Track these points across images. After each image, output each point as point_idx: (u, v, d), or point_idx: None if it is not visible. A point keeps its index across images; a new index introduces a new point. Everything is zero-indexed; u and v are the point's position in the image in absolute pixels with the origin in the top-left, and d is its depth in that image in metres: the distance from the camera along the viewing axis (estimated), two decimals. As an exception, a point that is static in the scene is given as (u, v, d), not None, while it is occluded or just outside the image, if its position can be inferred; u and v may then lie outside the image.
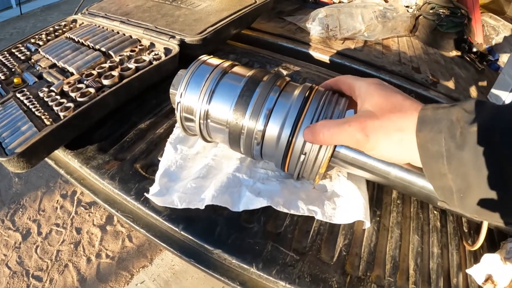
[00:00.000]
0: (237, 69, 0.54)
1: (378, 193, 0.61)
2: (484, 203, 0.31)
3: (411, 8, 1.67)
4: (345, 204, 0.54)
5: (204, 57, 0.56)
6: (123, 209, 0.56)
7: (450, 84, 1.10)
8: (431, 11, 1.43)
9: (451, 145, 0.32)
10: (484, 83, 1.21)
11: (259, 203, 0.51)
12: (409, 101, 0.39)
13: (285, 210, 0.52)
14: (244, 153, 0.53)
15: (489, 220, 0.34)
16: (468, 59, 1.39)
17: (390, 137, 0.39)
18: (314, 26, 1.23)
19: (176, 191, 0.53)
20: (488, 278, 0.50)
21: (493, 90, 1.08)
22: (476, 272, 0.51)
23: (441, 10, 1.41)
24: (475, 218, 0.52)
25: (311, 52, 1.11)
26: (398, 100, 0.40)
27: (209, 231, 0.51)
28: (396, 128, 0.38)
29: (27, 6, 4.53)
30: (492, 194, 0.30)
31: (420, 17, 1.46)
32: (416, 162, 0.37)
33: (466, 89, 1.10)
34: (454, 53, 1.43)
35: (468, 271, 0.52)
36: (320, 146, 0.45)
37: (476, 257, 0.55)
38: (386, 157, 0.42)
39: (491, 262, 0.51)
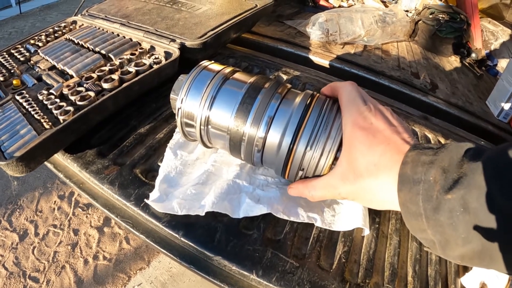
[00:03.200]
0: (238, 75, 0.54)
1: (377, 199, 0.61)
2: (464, 255, 0.33)
3: (410, 12, 1.68)
4: (344, 211, 0.54)
5: (205, 63, 0.56)
6: (122, 215, 0.56)
7: (449, 89, 1.10)
8: (430, 16, 1.44)
9: (427, 207, 0.34)
10: (483, 89, 1.21)
11: (259, 210, 0.51)
12: (387, 155, 0.40)
13: (285, 217, 0.52)
14: (245, 160, 0.53)
15: (472, 265, 0.35)
16: (467, 64, 1.40)
17: (362, 198, 0.44)
18: (314, 30, 1.23)
19: (176, 197, 0.53)
20: (482, 286, 0.51)
21: (491, 96, 1.08)
22: (469, 280, 0.51)
23: (441, 15, 1.42)
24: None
25: (311, 56, 1.11)
26: (374, 159, 0.40)
27: (209, 237, 0.51)
28: (367, 192, 0.42)
29: (27, 5, 4.52)
30: (470, 247, 0.32)
31: (420, 22, 1.47)
32: (394, 209, 0.40)
33: (465, 94, 1.11)
34: (453, 58, 1.44)
35: (461, 280, 0.53)
36: (321, 154, 0.45)
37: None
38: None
39: (483, 270, 0.51)
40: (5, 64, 0.82)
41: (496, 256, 0.30)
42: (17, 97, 0.70)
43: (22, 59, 0.84)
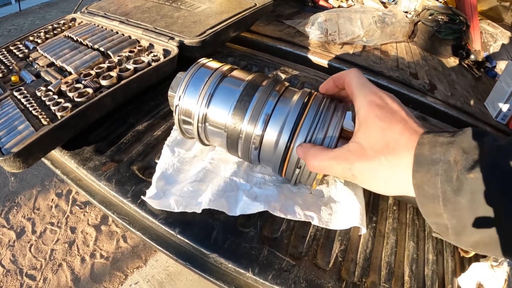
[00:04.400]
0: (236, 73, 0.54)
1: (374, 199, 0.61)
2: (479, 241, 0.32)
3: (409, 13, 1.68)
4: (341, 210, 0.54)
5: (203, 60, 0.56)
6: (119, 211, 0.56)
7: (447, 90, 1.11)
8: (429, 17, 1.44)
9: (447, 188, 0.32)
10: (481, 90, 1.22)
11: (256, 207, 0.51)
12: (406, 134, 0.38)
13: (282, 215, 0.52)
14: (242, 157, 0.53)
15: (485, 253, 0.34)
16: (466, 65, 1.40)
17: (377, 178, 0.40)
18: (313, 30, 1.23)
19: (173, 194, 0.52)
20: (479, 286, 0.51)
21: (490, 97, 1.08)
22: (466, 281, 0.52)
23: (440, 17, 1.42)
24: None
25: (310, 56, 1.11)
26: (394, 135, 0.38)
27: (205, 235, 0.51)
28: (385, 171, 0.39)
29: (26, 3, 4.51)
30: (488, 233, 0.30)
31: (419, 23, 1.47)
32: (407, 193, 0.37)
33: (463, 96, 1.11)
34: (452, 59, 1.44)
35: (458, 279, 0.53)
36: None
37: (471, 264, 0.56)
38: (375, 191, 0.42)
39: (479, 270, 0.51)
40: (4, 60, 0.82)
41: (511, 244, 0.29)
42: (15, 93, 0.70)
43: (21, 55, 0.84)
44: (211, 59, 0.57)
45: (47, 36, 0.92)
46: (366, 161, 0.40)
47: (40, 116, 0.63)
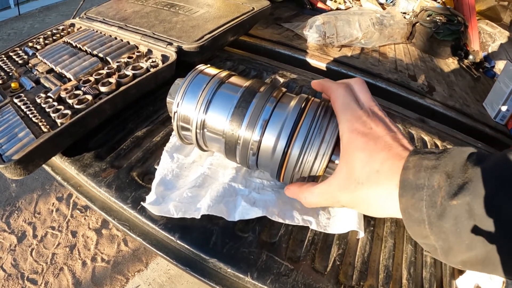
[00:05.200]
0: (234, 79, 0.54)
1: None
2: (466, 260, 0.33)
3: (408, 15, 1.69)
4: (339, 214, 0.54)
5: (201, 67, 0.56)
6: (119, 217, 0.57)
7: (446, 91, 1.11)
8: (428, 18, 1.45)
9: (431, 213, 0.33)
10: (480, 91, 1.22)
11: (255, 213, 0.52)
12: (389, 162, 0.38)
13: (280, 220, 0.52)
14: (240, 163, 0.54)
15: (475, 271, 0.35)
16: (464, 66, 1.41)
17: (365, 205, 0.42)
18: (311, 33, 1.24)
19: (172, 200, 0.53)
20: (477, 288, 0.51)
21: (488, 98, 1.09)
22: (464, 283, 0.52)
23: (438, 18, 1.42)
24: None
25: (308, 59, 1.11)
26: (375, 166, 0.39)
27: (204, 240, 0.51)
28: (370, 199, 0.40)
29: (26, 7, 4.53)
30: (474, 254, 0.31)
31: (417, 24, 1.48)
32: (396, 216, 0.38)
33: (462, 97, 1.11)
34: (450, 60, 1.44)
35: (456, 282, 0.53)
36: (315, 157, 0.46)
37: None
38: (367, 214, 0.45)
39: (477, 273, 0.51)
40: (4, 66, 0.83)
41: (499, 263, 0.30)
42: (15, 100, 0.70)
43: (20, 61, 0.85)
44: (209, 65, 0.58)
45: (46, 42, 0.92)
46: (350, 194, 0.42)
47: (40, 123, 0.63)
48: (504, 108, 1.01)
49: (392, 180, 0.38)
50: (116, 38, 0.91)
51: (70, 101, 0.67)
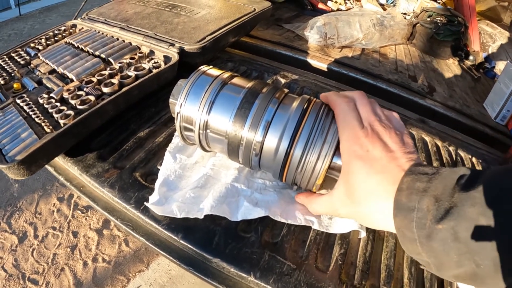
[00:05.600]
0: (236, 80, 0.55)
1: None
2: (458, 275, 0.35)
3: (408, 15, 1.69)
4: (341, 214, 0.55)
5: (204, 68, 0.57)
6: (122, 217, 0.57)
7: (446, 92, 1.11)
8: (428, 19, 1.45)
9: (421, 234, 0.35)
10: (480, 91, 1.22)
11: (257, 213, 0.52)
12: (383, 184, 0.41)
13: (283, 220, 0.52)
14: (243, 164, 0.54)
15: (468, 284, 0.37)
16: (465, 67, 1.41)
17: (362, 219, 0.47)
18: (312, 34, 1.24)
19: (175, 200, 0.53)
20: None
21: (489, 98, 1.09)
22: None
23: (438, 18, 1.43)
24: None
25: (309, 60, 1.12)
26: (371, 187, 0.42)
27: (207, 240, 0.51)
28: (367, 216, 0.44)
29: (26, 7, 4.53)
30: (464, 269, 0.33)
31: (418, 25, 1.48)
32: (392, 231, 0.41)
33: (462, 97, 1.12)
34: (450, 61, 1.45)
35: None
36: (318, 158, 0.46)
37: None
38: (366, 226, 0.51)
39: None
40: (6, 67, 0.83)
41: (486, 279, 0.32)
42: (18, 101, 0.71)
43: (22, 62, 0.85)
44: (211, 66, 0.58)
45: (48, 42, 0.93)
46: (348, 208, 0.45)
47: (43, 124, 0.64)
48: (504, 109, 1.01)
49: (386, 201, 0.40)
50: (118, 39, 0.92)
51: (72, 102, 0.67)
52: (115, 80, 0.72)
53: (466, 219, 0.32)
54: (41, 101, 0.70)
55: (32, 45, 0.91)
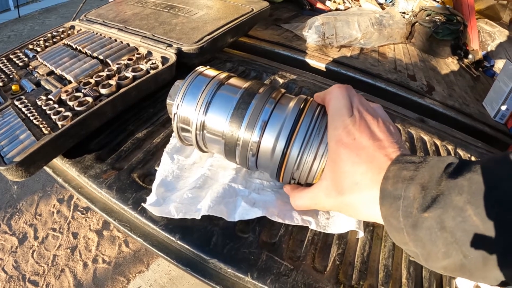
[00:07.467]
0: (233, 80, 0.54)
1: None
2: (446, 266, 0.34)
3: (407, 14, 1.69)
4: (339, 214, 0.54)
5: (200, 68, 0.57)
6: (120, 218, 0.57)
7: (445, 91, 1.11)
8: (427, 18, 1.45)
9: (407, 223, 0.35)
10: (480, 90, 1.22)
11: (254, 213, 0.52)
12: (369, 174, 0.40)
13: (280, 220, 0.52)
14: (240, 164, 0.54)
15: (456, 276, 0.36)
16: (464, 65, 1.41)
17: (349, 211, 0.45)
18: (311, 34, 1.24)
19: (173, 201, 0.53)
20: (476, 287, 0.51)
21: (488, 97, 1.09)
22: (464, 282, 0.52)
23: (437, 17, 1.43)
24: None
25: (308, 60, 1.12)
26: (356, 178, 0.41)
27: (205, 240, 0.51)
28: (353, 207, 0.43)
29: (25, 9, 4.54)
30: (452, 260, 0.32)
31: (416, 24, 1.48)
32: (380, 221, 0.40)
33: (461, 96, 1.11)
34: (450, 59, 1.45)
35: (456, 281, 0.53)
36: (314, 158, 0.46)
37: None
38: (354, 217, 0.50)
39: None
40: (4, 69, 0.83)
41: (474, 272, 0.31)
42: (16, 103, 0.71)
43: (20, 64, 0.85)
44: (208, 66, 0.58)
45: (47, 44, 0.93)
46: (332, 200, 0.45)
47: (41, 125, 0.64)
48: (503, 107, 1.01)
49: (372, 190, 0.39)
50: (116, 40, 0.92)
51: (70, 103, 0.67)
52: (113, 82, 0.72)
53: (452, 208, 0.31)
54: (39, 102, 0.70)
55: (30, 46, 0.91)
